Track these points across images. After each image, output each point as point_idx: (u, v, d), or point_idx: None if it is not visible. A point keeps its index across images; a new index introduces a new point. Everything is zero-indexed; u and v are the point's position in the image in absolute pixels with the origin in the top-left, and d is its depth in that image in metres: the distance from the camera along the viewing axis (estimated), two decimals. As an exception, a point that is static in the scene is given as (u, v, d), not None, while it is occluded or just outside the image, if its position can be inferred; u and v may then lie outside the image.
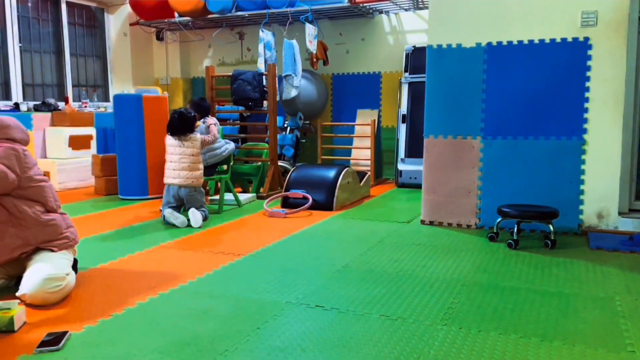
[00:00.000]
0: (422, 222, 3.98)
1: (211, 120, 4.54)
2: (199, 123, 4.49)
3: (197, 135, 4.13)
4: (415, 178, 5.67)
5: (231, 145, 4.69)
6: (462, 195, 3.83)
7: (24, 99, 6.21)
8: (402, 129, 5.99)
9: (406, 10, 6.26)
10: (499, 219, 3.43)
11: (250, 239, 3.54)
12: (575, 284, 2.59)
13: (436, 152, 3.86)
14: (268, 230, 3.83)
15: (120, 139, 5.10)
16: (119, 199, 5.12)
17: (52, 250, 2.50)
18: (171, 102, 7.43)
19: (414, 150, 5.80)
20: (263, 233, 3.72)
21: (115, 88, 7.20)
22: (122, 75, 7.29)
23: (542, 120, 3.59)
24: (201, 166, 4.09)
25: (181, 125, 4.00)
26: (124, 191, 5.13)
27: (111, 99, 6.58)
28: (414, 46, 6.04)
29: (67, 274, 2.43)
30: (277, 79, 5.43)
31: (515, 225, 3.35)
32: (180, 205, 4.06)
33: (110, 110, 6.42)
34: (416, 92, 5.90)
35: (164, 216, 3.94)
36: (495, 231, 3.45)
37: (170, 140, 4.07)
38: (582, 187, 3.55)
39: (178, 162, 4.00)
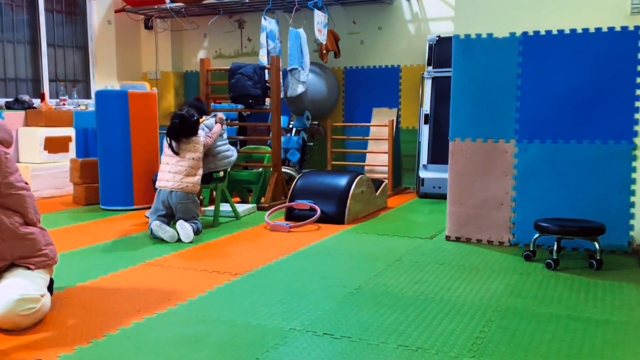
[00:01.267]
0: (447, 238, 3.96)
1: (220, 116, 4.59)
2: (205, 119, 4.52)
3: (201, 139, 4.17)
4: (440, 187, 5.66)
5: (235, 155, 4.72)
6: (493, 207, 3.81)
7: (-5, 95, 6.30)
8: (425, 130, 5.98)
9: (429, -5, 6.30)
10: (536, 235, 3.42)
11: (249, 256, 3.54)
12: (624, 311, 2.57)
13: (463, 158, 3.86)
14: (270, 246, 3.83)
15: (103, 141, 5.14)
16: (100, 210, 5.15)
17: (29, 268, 2.51)
18: (161, 99, 7.48)
19: (438, 155, 5.80)
20: (264, 249, 3.73)
21: (98, 83, 7.27)
22: (105, 68, 7.36)
23: (586, 122, 3.57)
24: (200, 172, 4.12)
25: (183, 131, 4.05)
26: (107, 201, 5.16)
27: (93, 95, 6.63)
28: (439, 36, 6.05)
29: (42, 295, 2.45)
30: (281, 73, 5.46)
31: (555, 243, 3.34)
32: (171, 216, 4.08)
33: (91, 108, 6.47)
34: (441, 89, 5.90)
35: (151, 229, 3.96)
36: (531, 249, 3.44)
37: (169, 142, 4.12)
38: (632, 198, 3.52)
39: (175, 164, 4.05)
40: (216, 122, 4.49)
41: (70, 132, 6.08)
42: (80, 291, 2.85)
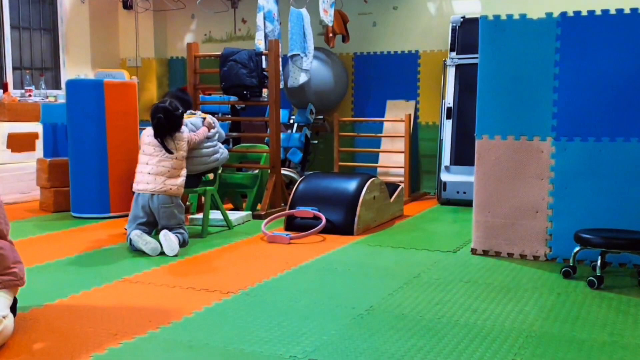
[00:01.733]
0: (473, 251, 3.96)
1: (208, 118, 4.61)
2: (190, 115, 4.54)
3: (184, 135, 4.17)
4: (465, 192, 5.65)
5: (225, 153, 4.73)
6: (526, 215, 3.80)
7: (-49, 85, 6.33)
8: (447, 126, 5.97)
9: (453, -31, 6.30)
10: (577, 249, 3.41)
11: (243, 272, 3.53)
12: (680, 338, 2.56)
13: (492, 158, 3.85)
14: (267, 260, 3.82)
15: (75, 139, 5.14)
16: (71, 218, 5.15)
17: (-6, 287, 2.53)
18: (142, 89, 7.49)
19: (463, 155, 5.78)
20: (260, 264, 3.72)
21: (69, 71, 7.29)
22: (77, 54, 7.38)
23: (635, 116, 3.56)
24: (183, 173, 4.13)
25: (169, 126, 4.06)
26: (79, 207, 5.17)
27: (63, 85, 6.65)
28: (463, 17, 6.04)
29: (5, 317, 2.45)
30: (280, 60, 5.46)
31: (599, 257, 3.32)
32: (152, 224, 4.09)
33: (61, 100, 6.48)
34: (466, 78, 5.89)
35: (130, 240, 3.97)
36: (571, 264, 3.43)
37: (148, 138, 4.12)
38: (689, 206, 3.52)
39: (156, 164, 4.05)
40: (204, 125, 4.48)
41: (36, 127, 6.10)
42: (48, 312, 2.85)
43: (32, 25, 7.10)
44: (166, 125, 4.06)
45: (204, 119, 4.55)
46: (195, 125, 4.46)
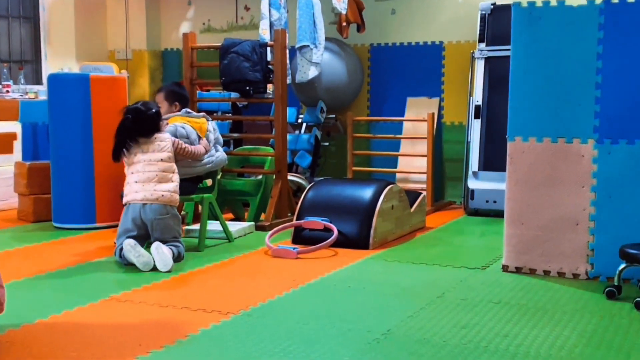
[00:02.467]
0: (505, 268, 3.95)
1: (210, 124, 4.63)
2: (182, 120, 4.54)
3: (165, 135, 4.19)
4: (495, 202, 5.63)
5: (222, 155, 4.74)
6: (565, 228, 3.79)
7: None
8: (475, 127, 5.97)
9: (482, -50, 6.29)
10: (623, 266, 3.39)
11: (244, 290, 3.53)
12: None
13: (526, 163, 3.84)
14: (272, 276, 3.82)
15: (57, 140, 5.17)
16: (52, 228, 5.17)
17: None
18: (132, 84, 7.52)
19: (493, 159, 5.77)
20: (264, 281, 3.72)
21: (51, 65, 7.32)
22: (61, 46, 7.41)
23: (689, 116, 3.56)
24: (175, 177, 4.14)
25: (139, 128, 4.08)
26: (61, 217, 5.18)
27: (45, 80, 6.68)
28: (494, 4, 6.04)
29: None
30: (288, 52, 5.47)
31: (648, 276, 3.31)
32: (144, 238, 4.09)
33: (43, 97, 6.50)
34: (497, 73, 5.88)
35: (120, 251, 3.97)
36: (616, 284, 3.41)
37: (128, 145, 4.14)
38: None
39: (142, 171, 4.06)
40: (201, 143, 4.49)
41: (15, 127, 6.12)
42: (26, 334, 2.84)
43: (10, 13, 7.14)
44: (133, 126, 4.06)
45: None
46: (187, 131, 4.46)
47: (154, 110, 4.16)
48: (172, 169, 4.14)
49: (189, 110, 4.74)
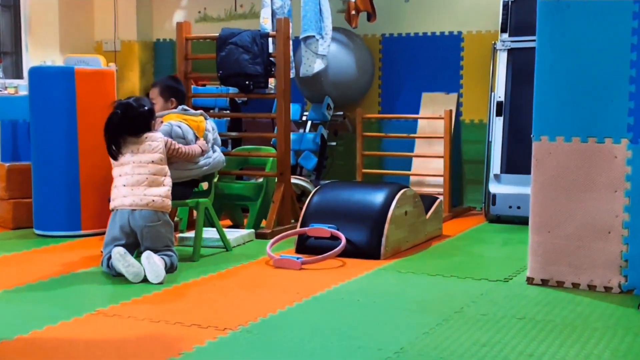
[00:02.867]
0: (530, 280, 3.93)
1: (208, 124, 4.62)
2: (179, 118, 4.52)
3: (157, 135, 4.17)
4: (519, 207, 5.63)
5: (219, 156, 4.72)
6: (596, 236, 3.76)
7: None
8: (497, 125, 5.97)
9: None
10: (661, 278, 3.35)
11: (243, 304, 3.53)
12: None
13: (553, 165, 3.82)
14: (273, 289, 3.82)
15: (39, 139, 5.16)
16: (34, 236, 5.17)
17: None
18: (122, 78, 7.54)
19: (517, 161, 5.77)
20: (265, 294, 3.72)
21: (33, 57, 7.34)
22: (43, 36, 7.43)
23: None
24: (168, 181, 4.12)
25: (127, 125, 4.05)
26: (43, 223, 5.17)
27: (25, 74, 6.68)
28: (517, -10, 6.03)
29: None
30: (291, 43, 5.43)
31: (689, 290, 3.27)
32: (133, 246, 4.08)
33: (23, 92, 6.51)
34: (521, 66, 5.89)
35: (108, 261, 3.96)
36: (653, 298, 3.37)
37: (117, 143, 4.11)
38: None
39: (131, 174, 4.05)
40: (197, 143, 4.48)
41: (-7, 125, 6.13)
42: (5, 351, 2.82)
43: (-11, 1, 7.15)
44: (121, 125, 4.03)
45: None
46: (184, 131, 4.44)
47: (146, 108, 4.14)
48: (164, 171, 4.12)
49: (185, 107, 4.73)
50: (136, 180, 4.03)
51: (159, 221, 4.03)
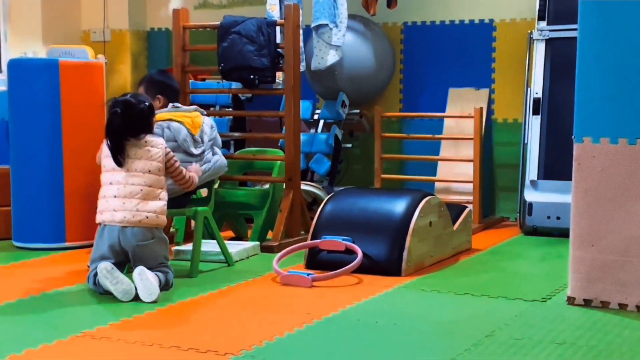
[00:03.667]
0: (570, 300, 3.92)
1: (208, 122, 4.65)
2: (172, 114, 4.55)
3: (159, 140, 4.16)
4: (558, 218, 5.61)
5: (220, 160, 4.75)
6: (646, 251, 3.75)
7: None
8: (534, 125, 5.95)
9: None
10: None
11: (246, 326, 3.53)
12: None
13: (597, 170, 3.81)
14: (280, 309, 3.82)
15: (19, 140, 5.19)
16: (12, 248, 5.19)
17: None
18: (111, 71, 7.55)
19: (556, 165, 5.76)
20: (271, 315, 3.71)
21: (12, 48, 7.36)
22: (24, 25, 7.44)
23: None
24: (164, 194, 4.11)
25: (129, 125, 4.04)
26: (23, 234, 5.20)
27: (4, 67, 6.71)
28: (557, -27, 6.04)
29: None
30: (302, 32, 5.46)
31: None
32: (123, 264, 4.08)
33: (1, 87, 6.54)
34: (561, 58, 5.87)
35: (95, 277, 3.96)
36: None
37: (108, 150, 4.10)
38: None
39: (124, 184, 4.04)
40: (191, 168, 4.44)
41: (-32, 124, 6.17)
42: (-22, 378, 2.86)
43: (-36, -14, 7.19)
44: (123, 124, 4.01)
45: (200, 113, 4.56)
46: (173, 130, 4.46)
47: (146, 104, 4.12)
48: (161, 183, 4.09)
49: (178, 104, 4.74)
50: (129, 192, 4.00)
51: (153, 239, 4.02)
